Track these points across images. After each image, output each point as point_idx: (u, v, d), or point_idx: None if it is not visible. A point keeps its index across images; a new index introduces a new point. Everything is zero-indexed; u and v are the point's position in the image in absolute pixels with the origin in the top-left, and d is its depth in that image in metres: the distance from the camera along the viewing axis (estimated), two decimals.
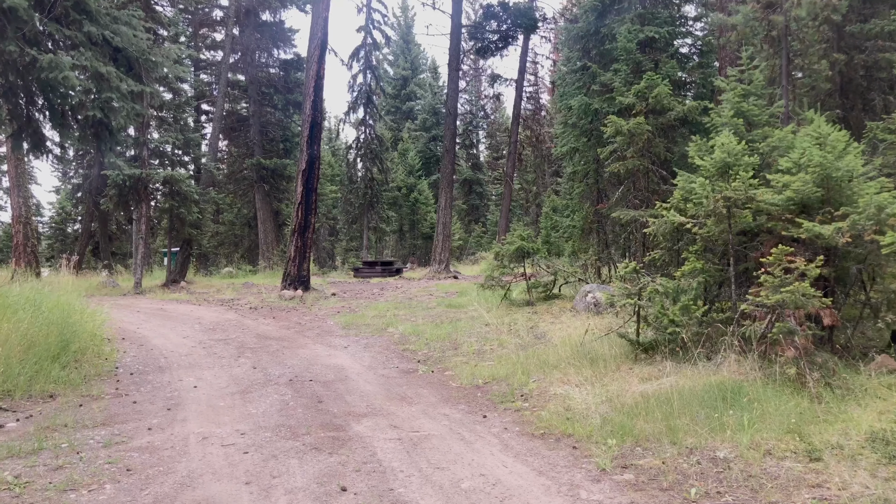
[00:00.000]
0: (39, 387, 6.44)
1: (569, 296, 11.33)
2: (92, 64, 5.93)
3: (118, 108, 6.25)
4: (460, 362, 7.57)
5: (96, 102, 6.09)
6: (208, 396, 6.33)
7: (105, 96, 6.09)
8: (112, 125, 6.34)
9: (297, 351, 8.76)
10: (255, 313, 12.95)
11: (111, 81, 6.18)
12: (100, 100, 6.11)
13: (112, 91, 6.16)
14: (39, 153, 6.33)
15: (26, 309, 8.03)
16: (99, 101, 6.10)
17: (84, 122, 6.36)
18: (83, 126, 6.43)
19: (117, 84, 6.22)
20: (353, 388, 6.60)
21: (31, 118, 6.18)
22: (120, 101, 6.14)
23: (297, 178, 16.05)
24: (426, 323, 10.43)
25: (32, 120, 6.19)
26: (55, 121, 6.15)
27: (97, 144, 6.50)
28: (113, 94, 6.11)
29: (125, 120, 6.35)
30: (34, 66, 5.78)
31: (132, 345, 9.26)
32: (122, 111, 6.30)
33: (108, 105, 6.17)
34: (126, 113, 6.43)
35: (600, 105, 10.57)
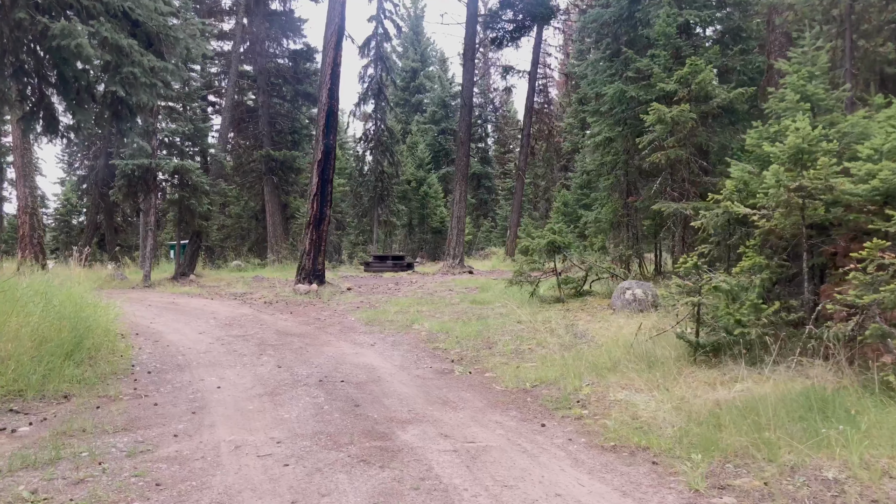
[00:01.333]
0: (53, 386, 5.99)
1: (600, 292, 10.85)
2: (112, 36, 5.45)
3: (141, 85, 5.77)
4: (499, 363, 7.10)
5: (116, 78, 5.60)
6: (234, 398, 5.87)
7: (126, 71, 5.61)
8: (132, 103, 5.86)
9: (322, 349, 8.29)
10: (270, 308, 12.50)
11: (132, 55, 5.69)
12: (120, 74, 5.62)
13: (134, 66, 5.67)
14: (53, 135, 5.86)
15: (36, 302, 7.59)
16: (119, 75, 5.61)
17: (103, 99, 5.88)
18: (101, 104, 5.95)
19: (139, 58, 5.73)
20: (389, 390, 6.14)
21: (43, 96, 5.69)
22: (144, 77, 5.66)
23: (312, 168, 15.57)
24: (453, 320, 9.96)
25: (45, 98, 5.71)
26: (69, 98, 5.67)
27: (117, 124, 6.03)
28: (136, 69, 5.62)
29: (148, 97, 5.87)
30: (45, 35, 5.29)
31: (147, 341, 8.81)
32: (144, 88, 5.82)
33: (130, 81, 5.68)
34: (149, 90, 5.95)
35: (636, 92, 10.05)
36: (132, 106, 5.95)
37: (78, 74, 5.61)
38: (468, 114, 22.49)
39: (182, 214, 19.72)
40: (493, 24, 24.99)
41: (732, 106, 9.37)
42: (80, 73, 5.63)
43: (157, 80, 6.06)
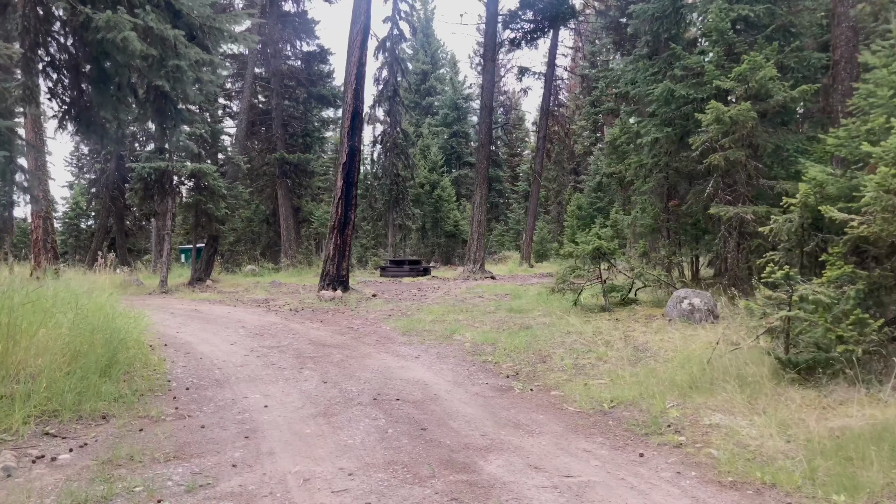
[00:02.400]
0: (90, 406, 5.54)
1: (647, 301, 10.37)
2: (158, 27, 5.01)
3: (186, 80, 5.33)
4: (562, 379, 6.62)
5: (161, 72, 5.16)
6: (286, 420, 5.41)
7: (172, 64, 5.16)
8: (176, 99, 5.42)
9: (364, 361, 7.83)
10: (298, 316, 12.04)
11: (178, 48, 5.25)
12: (165, 68, 5.17)
13: (180, 59, 5.23)
14: (90, 134, 5.41)
15: (65, 312, 7.16)
16: (164, 69, 5.17)
17: (145, 96, 5.44)
18: (142, 101, 5.51)
19: (184, 51, 5.29)
20: (451, 410, 5.67)
21: (81, 93, 5.25)
22: (190, 71, 5.22)
23: (336, 171, 15.13)
24: (495, 330, 9.49)
25: (84, 95, 5.26)
26: (108, 94, 5.23)
27: (159, 121, 5.59)
28: (182, 63, 5.18)
29: (193, 93, 5.43)
30: (87, 28, 4.85)
31: (178, 353, 8.37)
32: (189, 83, 5.38)
33: (175, 75, 5.24)
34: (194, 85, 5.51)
35: (685, 91, 9.58)
36: (176, 102, 5.51)
37: (120, 69, 5.17)
38: (488, 115, 22.04)
39: (198, 218, 19.31)
40: (512, 24, 24.55)
41: (786, 105, 8.90)
42: (121, 67, 5.19)
43: (202, 75, 5.62)
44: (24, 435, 4.90)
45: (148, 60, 5.21)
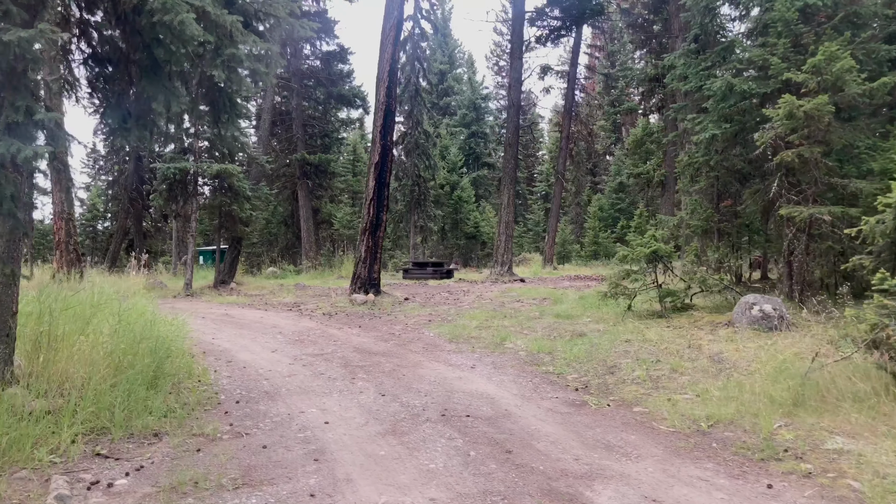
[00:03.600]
0: (140, 422, 5.12)
1: (704, 306, 9.85)
2: (215, 11, 4.58)
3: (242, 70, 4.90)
4: (640, 393, 6.14)
5: (218, 61, 4.73)
6: (354, 439, 4.96)
7: (228, 53, 4.73)
8: (230, 91, 5.00)
9: (417, 371, 7.38)
10: (333, 321, 11.62)
11: (234, 35, 4.82)
12: (221, 57, 4.74)
13: (236, 47, 4.80)
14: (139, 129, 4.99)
15: (103, 318, 6.76)
16: (220, 58, 4.74)
17: (197, 86, 5.02)
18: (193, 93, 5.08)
19: (241, 38, 4.86)
20: (530, 429, 5.20)
21: (131, 83, 4.83)
22: (248, 61, 4.79)
23: (368, 171, 14.70)
24: (547, 337, 9.01)
25: (133, 87, 4.85)
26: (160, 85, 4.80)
27: (214, 114, 5.17)
28: (239, 52, 4.75)
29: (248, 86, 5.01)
30: (140, 12, 4.43)
31: (218, 361, 7.96)
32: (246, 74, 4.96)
33: (231, 65, 4.81)
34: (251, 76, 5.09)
35: (747, 85, 9.06)
36: (231, 94, 5.08)
37: (174, 57, 4.75)
38: (516, 114, 21.57)
39: (222, 220, 18.97)
40: (538, 22, 24.06)
41: (862, 99, 8.36)
42: (175, 55, 4.77)
43: (257, 66, 5.19)
44: (74, 456, 4.49)
45: (204, 48, 4.79)
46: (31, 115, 4.03)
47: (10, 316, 5.40)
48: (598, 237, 37.00)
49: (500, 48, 59.20)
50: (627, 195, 40.50)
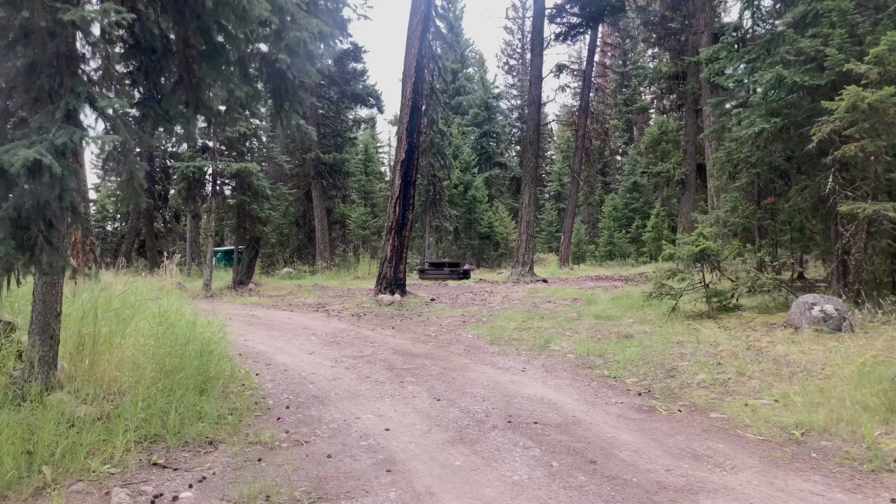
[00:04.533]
0: (193, 430, 4.83)
1: (752, 306, 9.52)
2: None
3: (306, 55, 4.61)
4: (710, 398, 5.83)
5: (281, 44, 4.44)
6: (422, 448, 4.67)
7: (292, 36, 4.44)
8: (293, 77, 4.71)
9: (466, 374, 7.08)
10: (363, 322, 11.34)
11: (297, 17, 4.54)
12: (284, 40, 4.46)
13: (301, 30, 4.51)
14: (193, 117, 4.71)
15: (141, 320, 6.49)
16: (283, 41, 4.45)
17: (257, 73, 4.73)
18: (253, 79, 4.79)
19: (304, 21, 4.58)
20: (606, 437, 4.89)
21: (190, 70, 4.55)
22: (312, 44, 4.50)
23: (394, 170, 14.42)
24: (593, 340, 8.70)
25: (192, 73, 4.56)
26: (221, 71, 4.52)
27: (276, 102, 4.87)
28: (303, 34, 4.46)
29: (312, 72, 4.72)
30: None
31: (257, 363, 7.69)
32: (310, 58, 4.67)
33: (294, 49, 4.52)
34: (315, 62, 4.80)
35: (799, 78, 8.74)
36: (293, 81, 4.79)
37: (235, 41, 4.47)
38: (537, 111, 21.26)
39: (241, 220, 18.72)
40: (558, 19, 23.74)
41: None
42: (236, 39, 4.48)
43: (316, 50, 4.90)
44: (131, 466, 4.22)
45: (267, 29, 4.50)
46: (91, 102, 3.74)
47: (53, 317, 5.13)
48: (612, 237, 36.66)
49: (511, 47, 58.95)
50: (642, 195, 40.14)
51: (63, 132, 3.54)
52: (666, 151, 32.85)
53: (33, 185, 3.51)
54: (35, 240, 3.68)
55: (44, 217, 3.67)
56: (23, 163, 3.26)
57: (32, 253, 3.68)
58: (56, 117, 3.66)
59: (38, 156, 3.28)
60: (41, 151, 3.33)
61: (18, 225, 3.64)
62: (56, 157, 3.47)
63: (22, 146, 3.40)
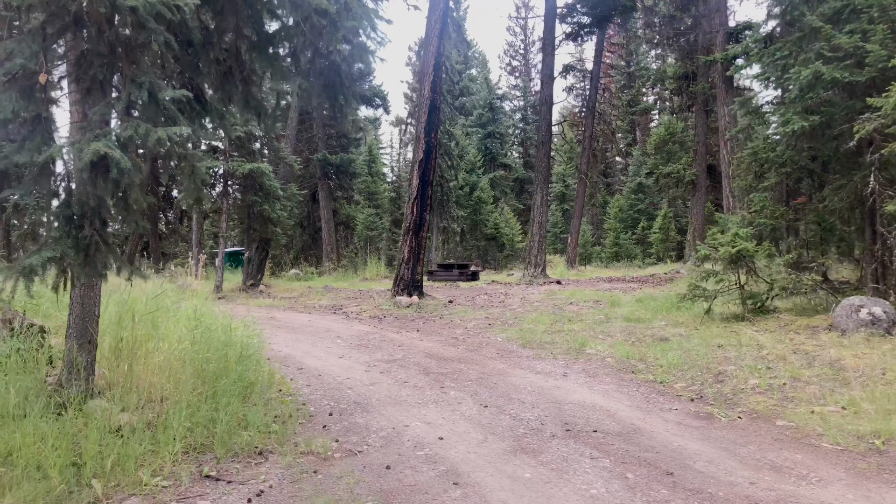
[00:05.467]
0: (240, 439, 4.61)
1: (786, 308, 9.31)
2: None
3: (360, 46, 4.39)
4: (769, 405, 5.62)
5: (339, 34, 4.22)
6: (482, 458, 4.44)
7: (349, 24, 4.23)
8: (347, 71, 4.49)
9: (507, 379, 6.86)
10: (386, 324, 11.11)
11: (351, 5, 4.32)
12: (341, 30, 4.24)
13: (356, 19, 4.30)
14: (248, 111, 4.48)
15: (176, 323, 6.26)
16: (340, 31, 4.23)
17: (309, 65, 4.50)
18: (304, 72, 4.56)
19: (359, 10, 4.36)
20: (673, 446, 4.67)
21: (240, 61, 4.32)
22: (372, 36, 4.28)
23: (411, 170, 14.20)
24: (628, 343, 8.49)
25: (242, 64, 4.33)
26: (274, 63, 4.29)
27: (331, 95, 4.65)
28: (361, 24, 4.24)
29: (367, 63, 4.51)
30: None
31: (288, 368, 7.46)
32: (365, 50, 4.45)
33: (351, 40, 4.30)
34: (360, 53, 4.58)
35: (839, 74, 8.54)
36: (347, 73, 4.57)
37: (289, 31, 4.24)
38: (548, 112, 21.05)
39: (251, 221, 18.48)
40: (568, 18, 23.54)
41: None
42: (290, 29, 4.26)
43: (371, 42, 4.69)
44: (183, 479, 3.99)
45: (324, 19, 4.28)
46: (153, 93, 3.52)
47: (92, 321, 4.90)
48: (619, 238, 36.46)
49: (514, 48, 58.83)
50: (647, 196, 39.95)
51: (129, 125, 3.31)
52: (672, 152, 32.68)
53: (94, 181, 3.28)
54: (90, 239, 3.44)
55: (99, 215, 3.44)
56: (92, 157, 3.03)
57: (87, 254, 3.44)
58: (117, 109, 3.43)
59: (108, 149, 3.05)
60: (109, 145, 3.11)
61: (73, 223, 3.41)
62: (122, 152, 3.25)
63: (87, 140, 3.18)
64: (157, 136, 3.35)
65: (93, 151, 3.07)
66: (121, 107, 3.48)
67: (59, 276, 3.56)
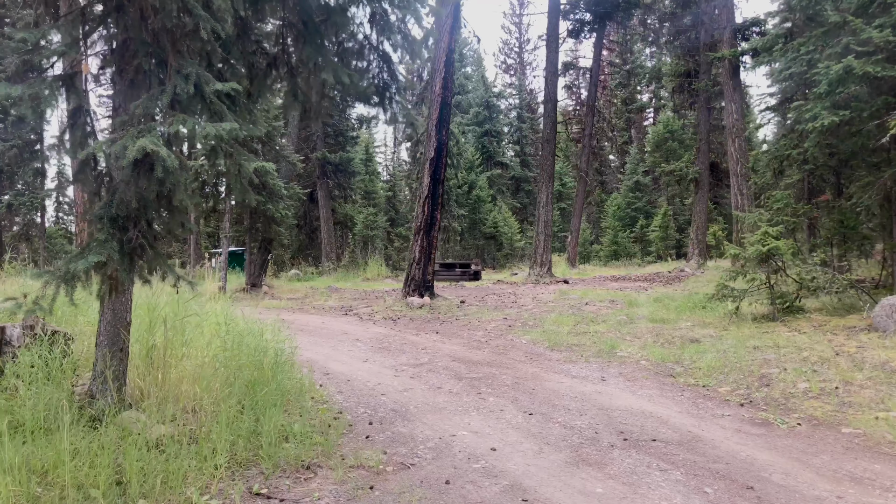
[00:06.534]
0: (284, 453, 4.34)
1: (816, 308, 9.14)
2: None
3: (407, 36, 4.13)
4: (829, 411, 5.42)
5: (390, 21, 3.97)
6: (544, 470, 4.21)
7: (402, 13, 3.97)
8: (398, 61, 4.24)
9: (543, 384, 6.63)
10: (402, 326, 10.85)
11: None
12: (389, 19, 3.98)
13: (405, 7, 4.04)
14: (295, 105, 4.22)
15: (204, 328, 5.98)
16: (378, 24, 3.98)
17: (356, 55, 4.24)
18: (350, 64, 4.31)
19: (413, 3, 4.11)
20: (741, 456, 4.46)
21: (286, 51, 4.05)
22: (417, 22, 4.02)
23: (422, 168, 13.95)
24: (658, 345, 8.29)
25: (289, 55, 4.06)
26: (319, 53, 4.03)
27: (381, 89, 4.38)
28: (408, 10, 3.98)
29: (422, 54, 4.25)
30: None
31: (314, 373, 7.17)
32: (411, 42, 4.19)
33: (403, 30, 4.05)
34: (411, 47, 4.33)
35: (871, 68, 8.37)
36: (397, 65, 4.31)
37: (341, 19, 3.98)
38: (553, 109, 20.85)
39: (254, 220, 18.16)
40: (570, 15, 23.35)
41: None
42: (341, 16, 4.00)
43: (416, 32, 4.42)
44: (234, 498, 3.72)
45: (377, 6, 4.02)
46: (199, 86, 3.24)
47: (123, 326, 4.63)
48: (617, 237, 36.35)
49: (509, 46, 58.63)
50: (644, 194, 39.88)
51: (175, 120, 3.04)
52: (671, 150, 32.60)
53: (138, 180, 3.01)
54: (136, 243, 3.17)
55: (146, 217, 3.16)
56: (137, 154, 2.76)
57: (132, 258, 3.17)
58: (163, 103, 3.16)
59: (154, 146, 2.78)
60: (155, 142, 2.83)
61: (117, 226, 3.13)
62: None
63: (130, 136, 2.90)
64: (206, 132, 3.08)
65: (138, 149, 2.80)
66: (165, 100, 3.20)
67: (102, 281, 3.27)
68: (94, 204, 3.38)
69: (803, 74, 9.82)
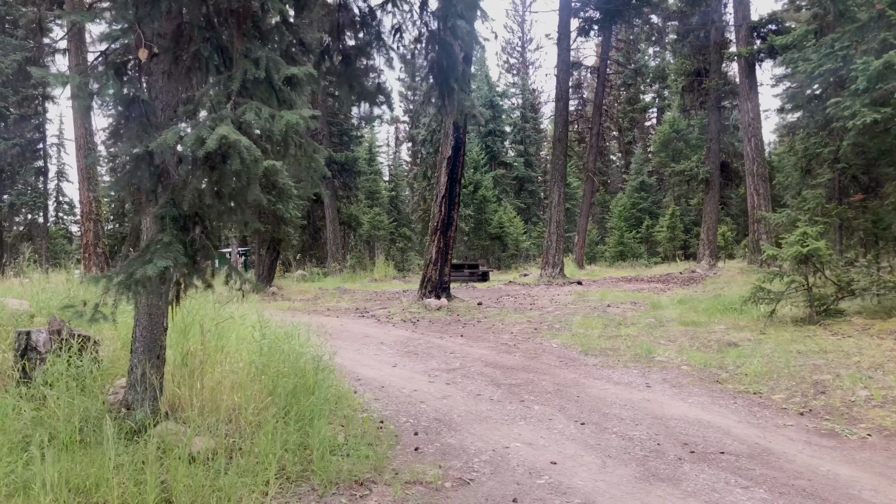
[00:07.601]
0: (333, 467, 4.06)
1: (855, 311, 8.89)
2: None
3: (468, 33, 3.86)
4: None
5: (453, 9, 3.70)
6: (616, 487, 3.94)
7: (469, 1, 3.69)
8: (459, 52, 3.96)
9: (587, 391, 6.37)
10: (422, 328, 10.58)
11: None
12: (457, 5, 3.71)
13: None
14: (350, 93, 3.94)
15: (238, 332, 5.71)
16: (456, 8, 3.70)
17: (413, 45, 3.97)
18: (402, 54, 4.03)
19: None
20: (821, 470, 4.20)
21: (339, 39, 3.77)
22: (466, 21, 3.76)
23: (439, 167, 13.67)
24: (696, 349, 8.03)
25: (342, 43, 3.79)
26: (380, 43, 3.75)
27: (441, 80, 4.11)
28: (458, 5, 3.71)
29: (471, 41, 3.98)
30: None
31: (344, 378, 6.88)
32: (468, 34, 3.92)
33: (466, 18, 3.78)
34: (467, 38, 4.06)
35: None
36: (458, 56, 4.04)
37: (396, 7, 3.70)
38: (564, 108, 20.59)
39: (262, 220, 17.84)
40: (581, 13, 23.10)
41: None
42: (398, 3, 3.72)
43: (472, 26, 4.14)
44: None
45: None
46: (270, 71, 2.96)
47: (161, 332, 4.34)
48: (623, 237, 36.12)
49: (511, 45, 58.35)
50: (650, 194, 39.67)
51: (248, 107, 2.76)
52: (678, 150, 32.39)
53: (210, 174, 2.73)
54: (200, 243, 2.89)
55: (214, 215, 2.89)
56: (215, 144, 2.48)
57: (195, 261, 2.89)
58: (232, 89, 2.88)
59: (236, 135, 2.51)
60: (234, 131, 2.56)
61: (179, 226, 2.85)
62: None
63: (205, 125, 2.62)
64: (284, 120, 2.80)
65: (218, 137, 2.52)
66: (235, 86, 2.92)
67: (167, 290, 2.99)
68: (150, 204, 3.08)
69: (837, 71, 9.57)
